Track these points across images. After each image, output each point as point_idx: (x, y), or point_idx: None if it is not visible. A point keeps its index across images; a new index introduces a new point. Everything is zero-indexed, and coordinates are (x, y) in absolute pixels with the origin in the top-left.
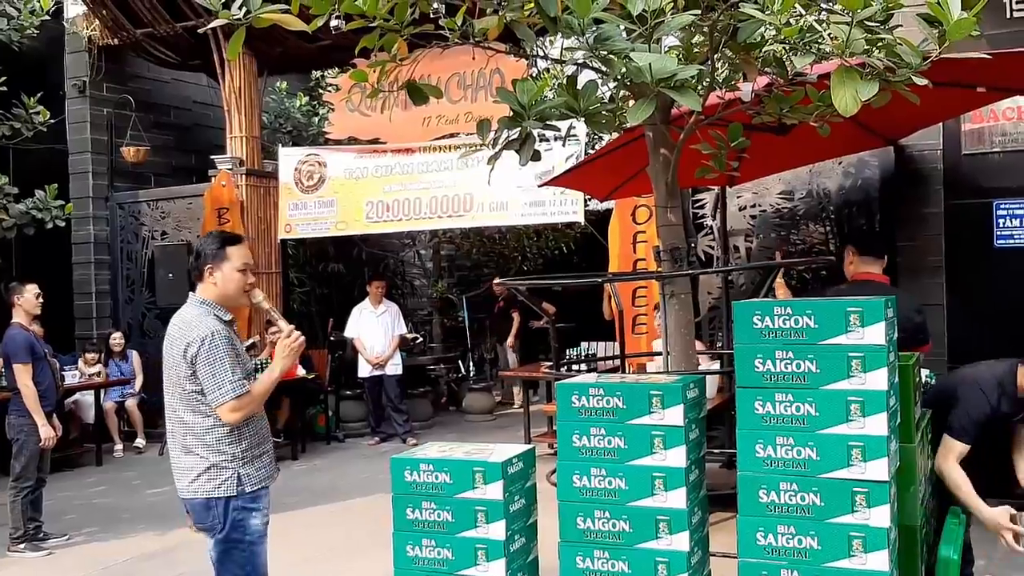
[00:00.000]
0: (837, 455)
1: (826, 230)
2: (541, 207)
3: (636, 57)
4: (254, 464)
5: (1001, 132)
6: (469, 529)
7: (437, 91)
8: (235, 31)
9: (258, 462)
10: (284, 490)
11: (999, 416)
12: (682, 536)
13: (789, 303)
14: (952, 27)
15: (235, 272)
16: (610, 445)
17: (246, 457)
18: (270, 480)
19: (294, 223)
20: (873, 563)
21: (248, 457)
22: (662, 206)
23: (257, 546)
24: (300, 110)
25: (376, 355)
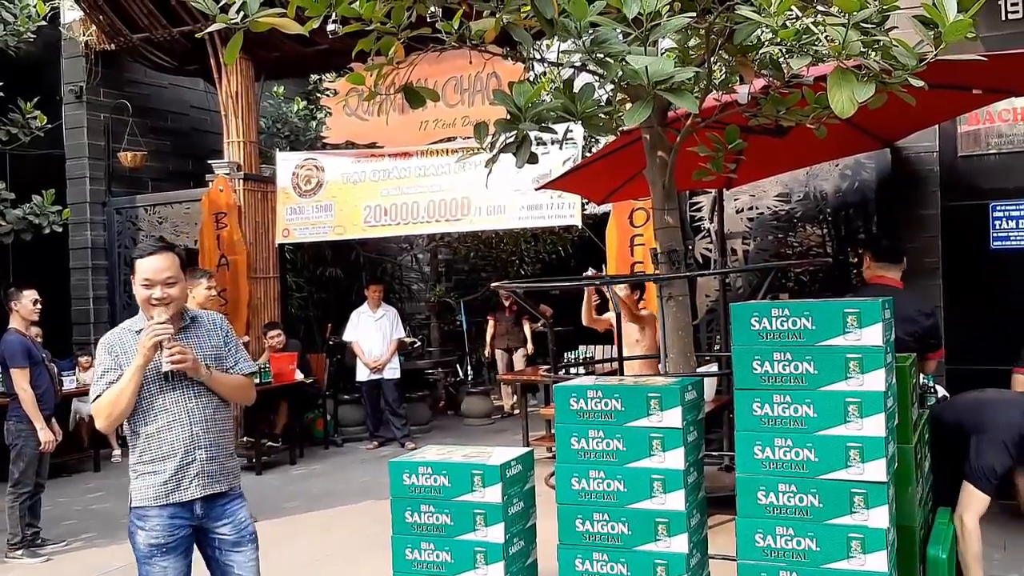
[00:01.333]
0: (835, 456)
1: (823, 232)
2: (538, 211)
3: (632, 60)
4: (144, 479)
5: (997, 134)
6: (468, 532)
7: (434, 94)
8: (232, 35)
9: (149, 478)
10: (282, 495)
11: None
12: (681, 538)
13: (787, 304)
14: (948, 29)
15: (139, 286)
16: (608, 447)
17: (137, 470)
18: (163, 500)
19: (292, 228)
20: (872, 564)
21: (139, 471)
22: (659, 208)
23: (143, 566)
24: (297, 114)
25: (374, 359)
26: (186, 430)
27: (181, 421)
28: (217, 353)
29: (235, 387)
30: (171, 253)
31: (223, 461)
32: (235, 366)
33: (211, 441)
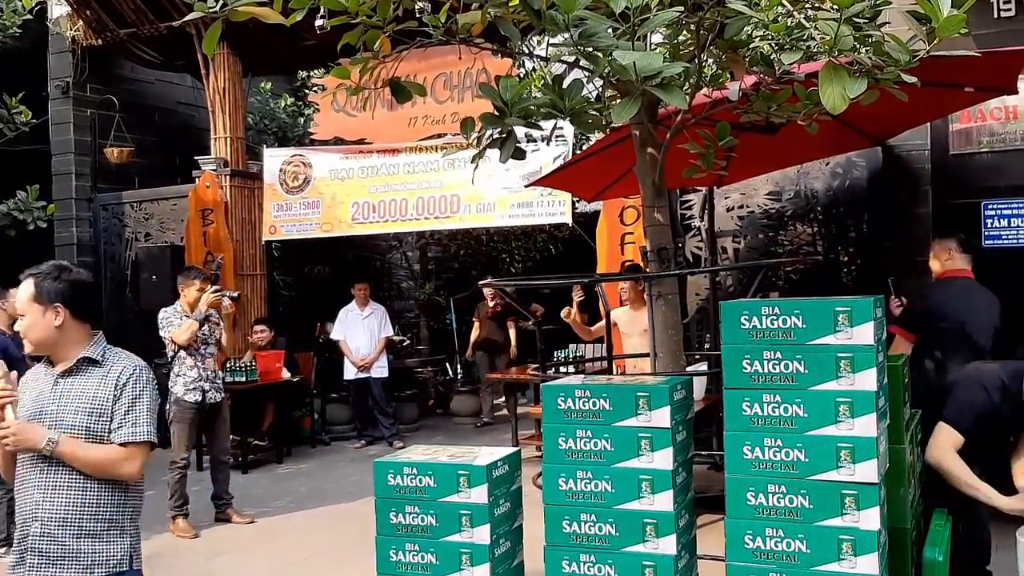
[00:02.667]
0: (826, 457)
1: (814, 231)
2: (528, 208)
3: (620, 55)
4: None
5: (989, 132)
6: (453, 533)
7: (421, 89)
8: (233, 29)
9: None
10: (269, 494)
11: (1001, 418)
12: (669, 539)
13: (778, 303)
14: (942, 24)
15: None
16: (596, 447)
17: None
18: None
19: (279, 224)
20: (863, 566)
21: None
22: (649, 206)
23: None
24: (285, 111)
25: (362, 357)
26: (29, 496)
27: (27, 485)
28: (97, 410)
29: (92, 461)
30: (29, 280)
31: (68, 543)
32: (113, 431)
33: (52, 515)
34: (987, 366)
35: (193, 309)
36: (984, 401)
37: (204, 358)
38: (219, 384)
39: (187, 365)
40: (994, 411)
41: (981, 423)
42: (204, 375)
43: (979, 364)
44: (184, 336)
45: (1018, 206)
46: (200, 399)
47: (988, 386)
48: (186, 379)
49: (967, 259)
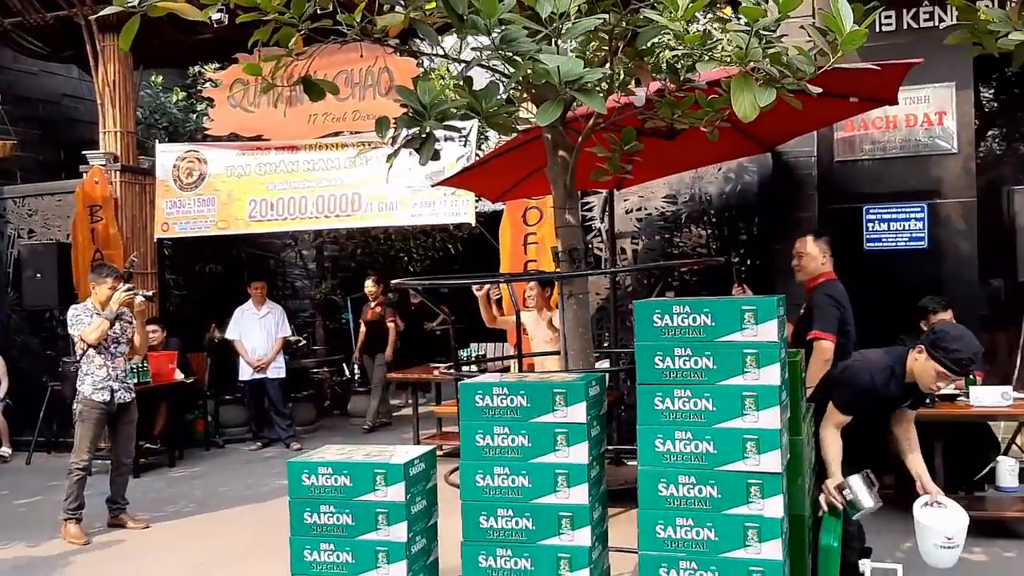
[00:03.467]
0: (733, 448)
1: (708, 233)
2: (431, 207)
3: (545, 59)
4: None
5: (871, 141)
6: (370, 532)
7: (333, 87)
8: (127, 21)
9: None
10: (162, 498)
11: (886, 397)
12: (584, 531)
13: (688, 301)
14: (845, 38)
15: None
16: (514, 443)
17: None
18: None
19: (172, 222)
20: (767, 552)
21: None
22: (560, 207)
23: None
24: (176, 105)
25: (258, 358)
26: None
27: None
28: None
29: None
30: None
31: None
32: None
33: None
34: (873, 354)
35: (104, 307)
36: (867, 383)
37: (114, 357)
38: (129, 384)
39: (96, 364)
40: (874, 390)
41: (862, 401)
42: (114, 374)
43: (866, 353)
44: (94, 335)
45: (896, 211)
46: (109, 399)
47: (873, 372)
48: (95, 378)
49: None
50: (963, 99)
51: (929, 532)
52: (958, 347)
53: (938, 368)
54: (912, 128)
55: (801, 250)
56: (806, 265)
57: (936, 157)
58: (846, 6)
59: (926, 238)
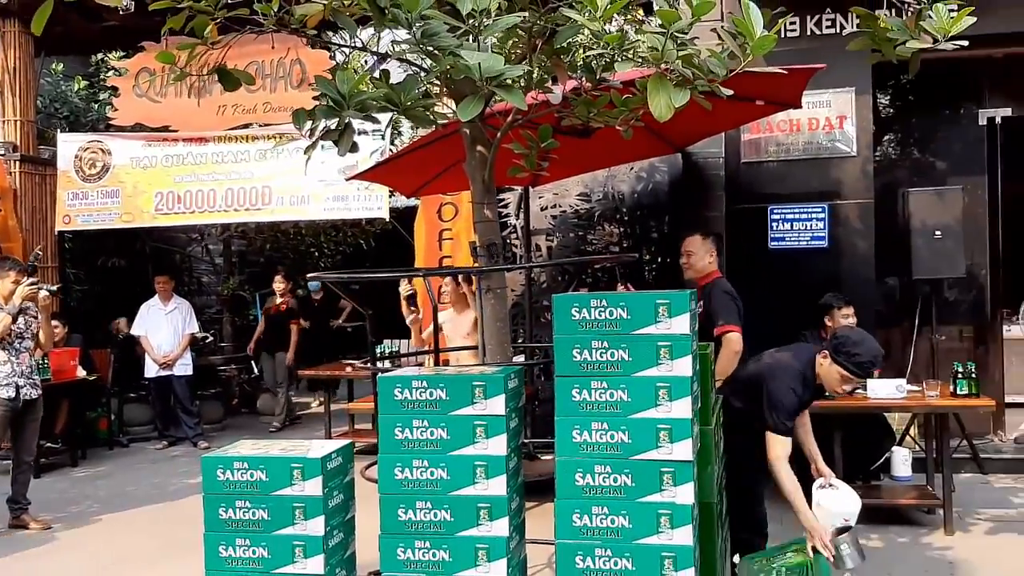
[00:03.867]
0: (647, 438)
1: (620, 231)
2: (344, 202)
3: (466, 55)
4: None
5: (776, 143)
6: (287, 527)
7: (249, 77)
8: (30, 5)
9: None
10: (64, 499)
11: (805, 403)
12: (502, 522)
13: (605, 295)
14: (755, 43)
15: None
16: (433, 436)
17: None
18: None
19: (74, 214)
20: (679, 538)
21: None
22: (479, 202)
23: None
24: (78, 94)
25: (164, 354)
26: None
27: None
28: None
29: None
30: None
31: None
32: None
33: None
34: (784, 361)
35: (7, 302)
36: (796, 401)
37: (19, 352)
38: (35, 380)
39: (0, 360)
40: (801, 404)
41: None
42: (19, 370)
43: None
44: None
45: (799, 211)
46: (14, 395)
47: (794, 387)
48: None
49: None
50: (862, 104)
51: (828, 513)
52: (859, 351)
53: (842, 372)
54: (814, 131)
55: (690, 248)
56: (694, 263)
57: (836, 160)
58: (756, 11)
59: (827, 237)
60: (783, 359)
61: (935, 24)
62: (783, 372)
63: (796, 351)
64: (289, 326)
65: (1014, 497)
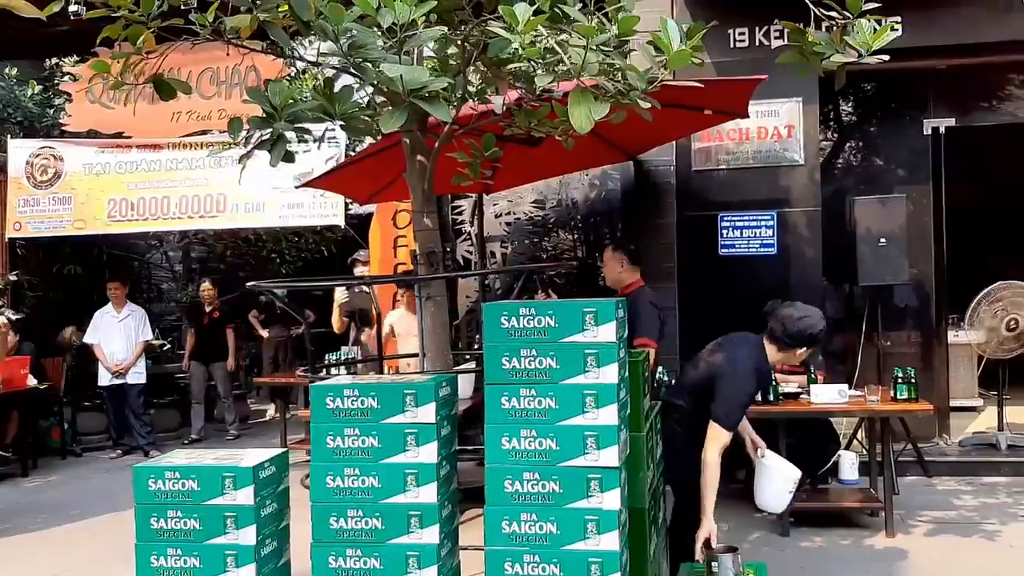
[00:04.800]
0: (574, 444)
1: (575, 237)
2: (299, 209)
3: (387, 68)
4: None
5: (726, 151)
6: (218, 536)
7: (186, 86)
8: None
9: None
10: (14, 509)
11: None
12: (432, 530)
13: (533, 304)
14: (673, 57)
15: None
16: (364, 444)
17: None
18: None
19: (25, 221)
20: (605, 544)
21: None
22: (419, 211)
23: None
24: (32, 99)
25: (117, 363)
26: None
27: None
28: None
29: None
30: None
31: None
32: None
33: None
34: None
35: None
36: (750, 397)
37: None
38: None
39: None
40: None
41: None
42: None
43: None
44: None
45: (749, 219)
46: None
47: (750, 384)
48: None
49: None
50: (809, 114)
51: (779, 475)
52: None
53: (798, 351)
54: (763, 140)
55: (603, 260)
56: (607, 275)
57: (785, 168)
58: (674, 27)
59: (775, 245)
60: (739, 356)
61: (858, 39)
62: (740, 369)
63: (744, 344)
64: (224, 332)
65: (956, 499)
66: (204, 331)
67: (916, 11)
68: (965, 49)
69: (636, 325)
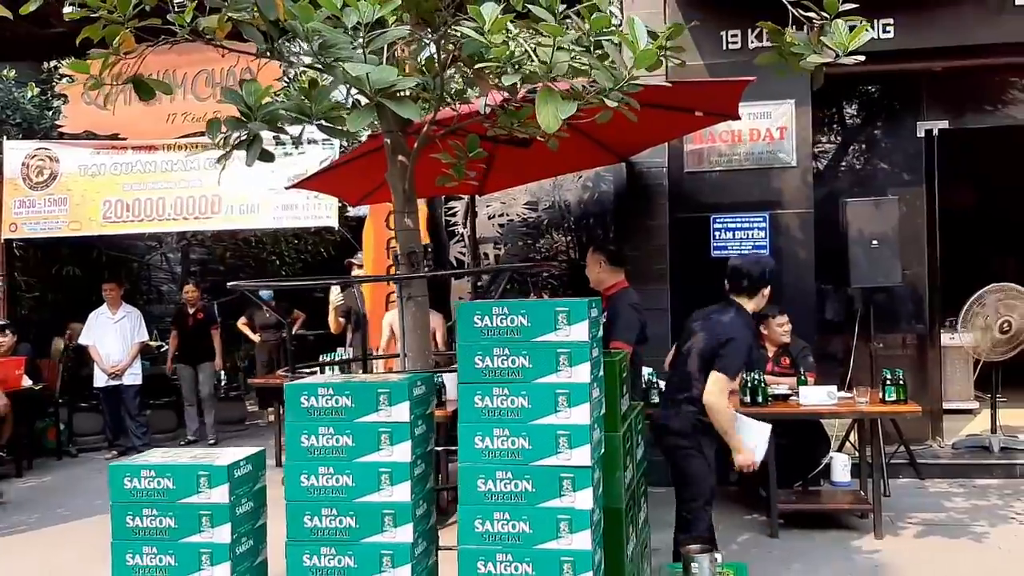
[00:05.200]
0: (547, 443)
1: (568, 239)
2: (293, 211)
3: (351, 67)
4: None
5: (718, 153)
6: (193, 534)
7: (166, 86)
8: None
9: None
10: (8, 509)
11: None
12: (406, 528)
13: (506, 303)
14: (638, 56)
15: None
16: (338, 443)
17: None
18: None
19: (20, 222)
20: (578, 543)
21: None
22: (400, 211)
23: None
24: (31, 101)
25: (112, 363)
26: None
27: None
28: None
29: None
30: None
31: None
32: None
33: None
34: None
35: None
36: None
37: None
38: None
39: None
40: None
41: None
42: None
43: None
44: None
45: (741, 220)
46: None
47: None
48: None
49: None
50: (802, 115)
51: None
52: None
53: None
54: (756, 142)
55: (587, 261)
56: (589, 275)
57: (777, 170)
58: (641, 26)
59: (768, 246)
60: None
61: (835, 40)
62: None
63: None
64: (210, 334)
65: (947, 501)
66: (188, 333)
67: (909, 13)
68: (959, 51)
69: (613, 327)
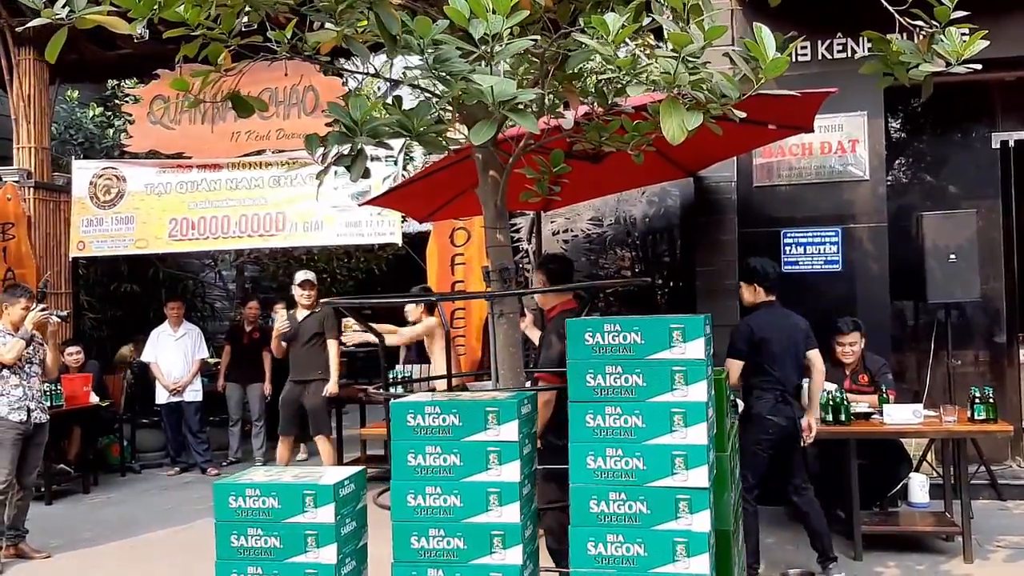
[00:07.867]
0: (662, 464)
1: (632, 255)
2: (357, 227)
3: (478, 79)
4: None
5: (788, 167)
6: (299, 554)
7: (262, 104)
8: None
9: None
10: (77, 525)
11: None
12: (516, 550)
13: (619, 320)
14: (768, 66)
15: None
16: (445, 463)
17: None
18: None
19: (88, 240)
20: (696, 567)
21: None
22: (491, 227)
23: None
24: (93, 121)
25: (174, 380)
26: None
27: None
28: None
29: None
30: None
31: None
32: None
33: None
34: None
35: (17, 328)
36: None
37: (30, 377)
38: (44, 405)
39: (12, 384)
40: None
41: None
42: (30, 394)
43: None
44: (10, 355)
45: (812, 235)
46: (25, 418)
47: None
48: (11, 398)
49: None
50: (874, 128)
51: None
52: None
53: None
54: (826, 155)
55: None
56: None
57: (849, 183)
58: (769, 34)
59: (840, 261)
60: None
61: (947, 47)
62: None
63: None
64: (262, 355)
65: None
66: (242, 350)
67: (983, 21)
68: None
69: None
